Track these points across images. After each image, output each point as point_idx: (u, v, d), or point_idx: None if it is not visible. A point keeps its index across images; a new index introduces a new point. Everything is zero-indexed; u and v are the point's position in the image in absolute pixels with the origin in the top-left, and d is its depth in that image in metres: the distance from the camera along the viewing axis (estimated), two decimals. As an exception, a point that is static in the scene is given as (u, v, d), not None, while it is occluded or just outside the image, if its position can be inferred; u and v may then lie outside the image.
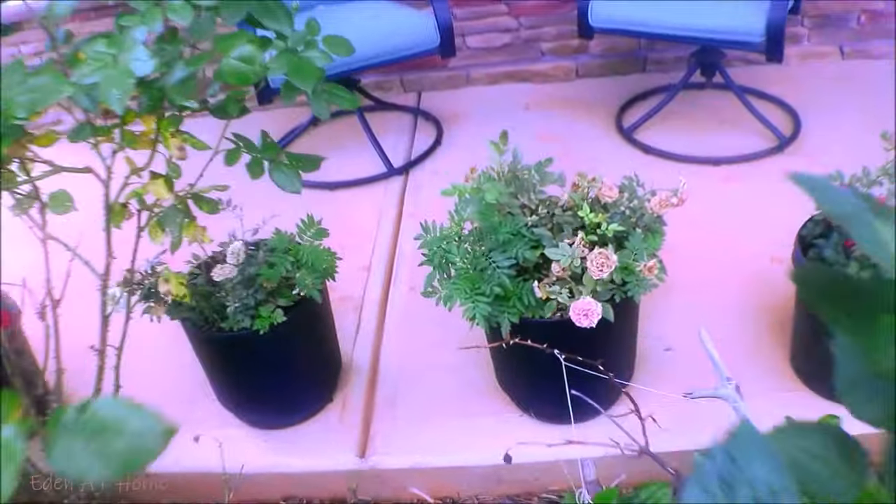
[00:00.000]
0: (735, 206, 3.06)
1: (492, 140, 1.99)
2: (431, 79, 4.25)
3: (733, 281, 2.69)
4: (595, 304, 1.78)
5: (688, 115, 3.71)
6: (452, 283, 1.90)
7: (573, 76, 4.23)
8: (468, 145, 3.68)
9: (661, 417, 2.21)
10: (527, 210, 1.99)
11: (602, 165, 3.35)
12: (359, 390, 2.44)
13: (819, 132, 3.50)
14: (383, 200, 3.35)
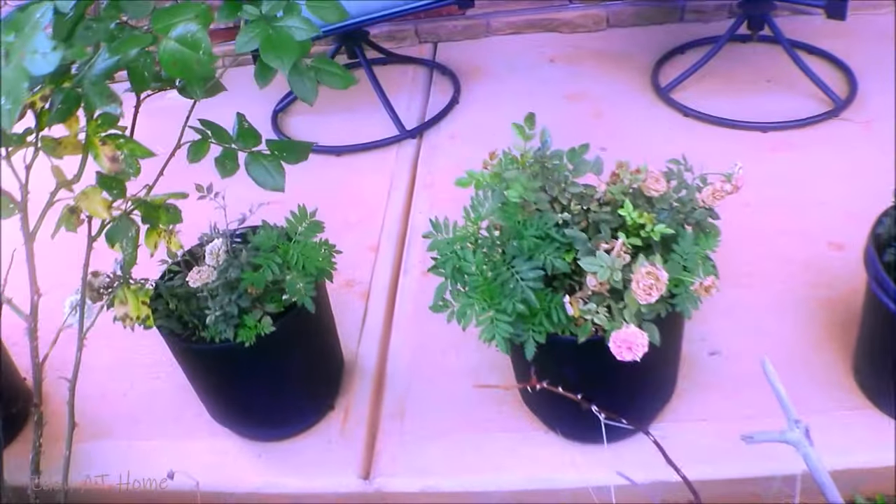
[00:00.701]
0: (785, 179, 2.73)
1: (515, 122, 1.66)
2: (448, 28, 3.91)
3: (784, 270, 2.38)
4: (640, 335, 1.47)
5: (730, 73, 3.36)
6: (467, 296, 1.59)
7: (603, 25, 3.86)
8: (489, 104, 3.36)
9: (709, 439, 1.94)
10: (557, 205, 1.68)
11: (637, 131, 3.06)
12: (363, 396, 2.16)
13: (877, 95, 3.14)
14: (395, 167, 3.03)
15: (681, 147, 2.82)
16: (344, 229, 2.70)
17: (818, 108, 3.05)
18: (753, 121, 3.00)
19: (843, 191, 2.64)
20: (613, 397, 1.83)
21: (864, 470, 1.90)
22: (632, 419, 1.92)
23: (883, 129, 2.95)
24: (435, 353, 2.25)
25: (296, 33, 1.35)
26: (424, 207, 2.79)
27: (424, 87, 3.56)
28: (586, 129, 3.08)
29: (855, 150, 2.86)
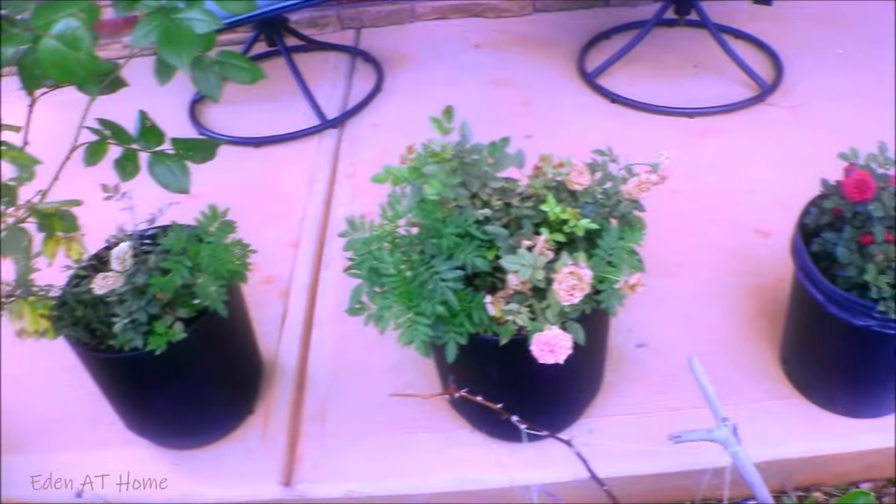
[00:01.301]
0: (713, 166, 2.71)
1: (433, 116, 1.59)
2: (371, 14, 3.81)
3: (712, 258, 2.36)
4: (563, 337, 1.42)
5: (658, 58, 3.33)
6: (384, 298, 1.52)
7: (529, 10, 3.80)
8: (413, 92, 3.28)
9: (638, 433, 1.91)
10: (477, 201, 1.61)
11: (564, 118, 3.01)
12: (284, 399, 2.08)
13: (803, 79, 3.14)
14: (316, 159, 2.94)
15: (608, 134, 2.81)
16: (263, 224, 2.61)
17: (745, 93, 3.04)
18: (680, 107, 2.98)
19: (770, 177, 2.62)
20: (539, 395, 1.79)
21: (794, 460, 1.89)
22: (559, 415, 1.89)
23: (809, 113, 2.95)
24: (357, 351, 2.18)
25: (197, 26, 1.26)
26: (346, 199, 2.71)
27: (347, 74, 3.46)
28: (512, 116, 3.02)
29: (782, 135, 2.84)
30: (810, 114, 2.95)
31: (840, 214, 1.75)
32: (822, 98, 3.02)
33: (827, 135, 2.78)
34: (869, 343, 1.74)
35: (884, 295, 1.62)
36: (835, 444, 1.90)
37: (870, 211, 1.68)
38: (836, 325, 1.71)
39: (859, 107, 2.94)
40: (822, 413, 1.94)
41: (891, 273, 1.62)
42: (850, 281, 1.68)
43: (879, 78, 3.13)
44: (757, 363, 2.06)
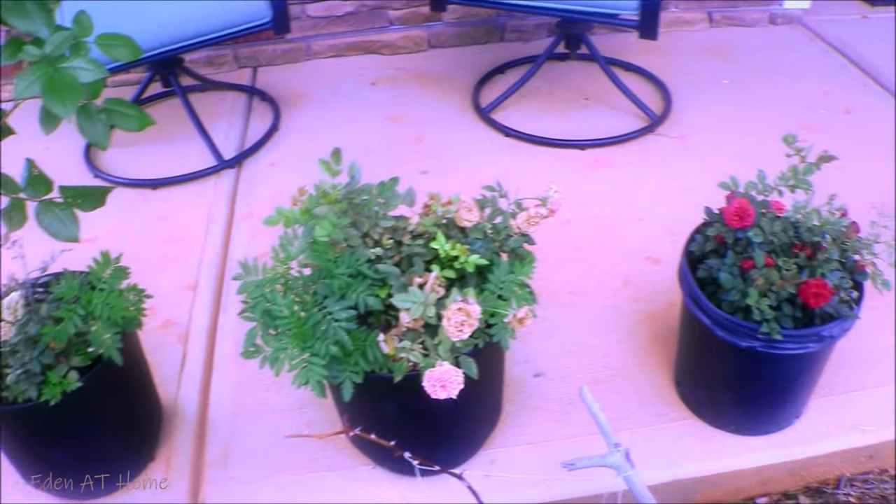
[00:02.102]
0: (604, 195, 2.78)
1: (321, 158, 1.61)
2: (268, 53, 3.82)
3: (606, 286, 2.42)
4: (454, 372, 1.44)
5: (551, 92, 3.40)
6: (278, 340, 1.53)
7: (425, 47, 3.86)
8: (309, 130, 3.29)
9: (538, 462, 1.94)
10: (369, 241, 1.63)
11: (458, 153, 3.05)
12: (185, 444, 2.05)
13: (691, 109, 3.25)
14: (213, 199, 2.92)
15: (502, 167, 2.87)
16: (161, 267, 2.59)
17: (635, 124, 3.12)
18: (572, 139, 3.05)
19: (660, 205, 2.70)
20: (438, 429, 1.81)
21: (691, 479, 1.94)
22: (459, 449, 1.91)
23: (697, 142, 3.05)
24: (257, 393, 2.16)
25: (81, 75, 1.26)
26: (244, 240, 2.70)
27: (244, 114, 3.45)
28: (408, 152, 3.06)
29: (671, 164, 2.93)
30: (698, 143, 3.05)
31: (723, 241, 1.81)
32: (708, 127, 3.13)
33: (714, 163, 2.89)
34: (755, 363, 1.81)
35: (766, 317, 1.68)
36: (729, 462, 1.95)
37: (750, 237, 1.75)
38: (724, 347, 1.77)
39: (744, 135, 3.06)
40: (716, 432, 2.00)
41: (772, 296, 1.69)
42: (734, 305, 1.74)
43: (762, 106, 3.26)
44: (652, 387, 2.11)
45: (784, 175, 1.81)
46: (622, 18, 2.80)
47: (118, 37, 1.39)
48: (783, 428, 2.00)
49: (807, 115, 3.26)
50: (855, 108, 3.32)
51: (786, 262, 1.72)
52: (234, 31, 2.96)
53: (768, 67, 3.62)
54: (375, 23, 3.82)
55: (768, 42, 3.88)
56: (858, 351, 2.17)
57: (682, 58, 3.68)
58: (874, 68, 3.60)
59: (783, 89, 3.43)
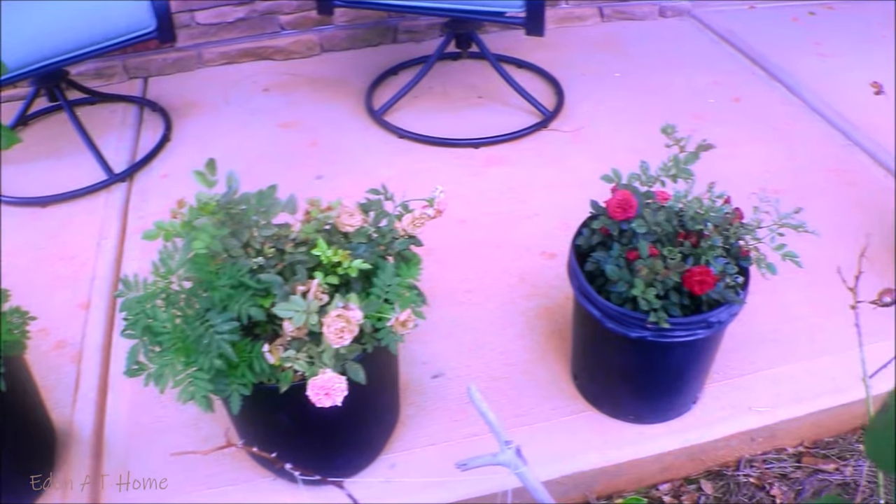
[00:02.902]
0: (500, 193, 2.80)
1: (197, 170, 1.58)
2: (158, 62, 3.75)
3: (502, 283, 2.43)
4: (337, 379, 1.43)
5: (444, 91, 3.41)
6: (162, 356, 1.50)
7: (318, 51, 3.84)
8: (202, 140, 3.24)
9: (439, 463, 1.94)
10: (251, 250, 1.61)
11: (353, 156, 3.04)
12: (82, 467, 2.00)
13: (583, 103, 3.29)
14: (104, 215, 2.85)
15: (397, 169, 2.87)
16: (53, 286, 2.52)
17: (529, 121, 3.15)
18: (466, 137, 3.05)
19: (554, 200, 2.72)
20: (333, 436, 1.80)
21: (593, 471, 1.96)
22: (358, 454, 1.90)
23: (590, 135, 3.09)
24: (154, 409, 2.12)
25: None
26: (137, 255, 2.65)
27: (134, 125, 3.38)
28: (302, 158, 3.04)
29: (564, 158, 2.96)
30: (590, 136, 3.08)
31: (608, 233, 1.83)
32: (601, 120, 3.17)
33: (607, 155, 2.92)
34: (646, 353, 1.83)
35: (654, 306, 1.70)
36: (629, 451, 1.98)
37: (634, 228, 1.77)
38: (615, 338, 1.79)
39: (636, 126, 3.10)
40: (615, 423, 2.02)
41: (658, 285, 1.71)
42: (622, 296, 1.76)
43: (654, 97, 3.31)
44: (550, 382, 2.13)
45: (666, 165, 1.83)
46: (509, 16, 2.82)
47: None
48: (681, 414, 2.03)
49: (697, 104, 3.32)
50: (744, 96, 3.39)
51: (671, 251, 1.74)
52: (118, 42, 2.90)
53: (659, 59, 3.69)
54: (266, 28, 3.78)
55: (658, 34, 3.95)
56: (750, 334, 2.22)
57: (575, 53, 3.72)
58: (762, 56, 3.69)
59: (674, 80, 3.50)
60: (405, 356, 2.16)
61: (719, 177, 1.90)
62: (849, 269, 1.89)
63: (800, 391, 2.09)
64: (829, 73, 3.55)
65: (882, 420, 0.51)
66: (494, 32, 3.83)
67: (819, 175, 2.88)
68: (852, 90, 3.41)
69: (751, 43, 3.81)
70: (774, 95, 3.40)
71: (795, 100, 3.37)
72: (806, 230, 1.74)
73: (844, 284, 1.68)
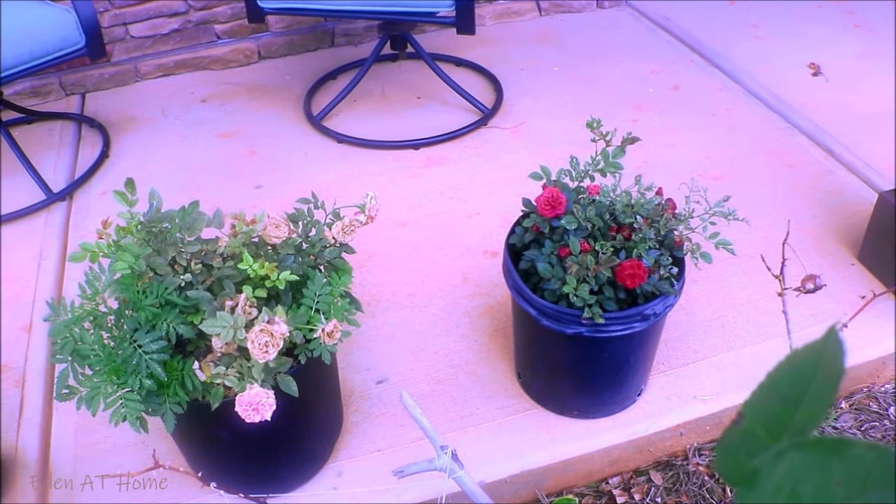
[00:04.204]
0: (440, 193, 2.80)
1: (116, 189, 1.56)
2: (95, 77, 3.71)
3: (445, 284, 2.43)
4: (264, 394, 1.42)
5: (383, 93, 3.41)
6: (92, 379, 1.49)
7: (255, 58, 3.82)
8: (141, 155, 3.20)
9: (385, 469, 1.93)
10: (179, 268, 1.60)
11: (292, 164, 3.04)
12: (28, 493, 1.98)
13: (523, 98, 3.30)
14: (44, 235, 2.82)
15: (336, 175, 2.86)
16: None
17: (468, 119, 3.15)
18: (406, 139, 3.05)
19: (494, 199, 2.73)
20: (275, 448, 1.79)
21: (541, 468, 1.96)
22: (303, 465, 1.89)
23: (529, 131, 3.09)
24: (99, 430, 2.10)
25: None
26: (78, 275, 2.62)
27: (73, 143, 3.34)
28: (241, 168, 3.02)
29: (505, 155, 2.97)
30: (530, 132, 3.09)
31: (540, 231, 1.84)
32: (540, 115, 3.18)
33: (547, 151, 2.93)
34: (585, 348, 1.84)
35: (588, 302, 1.71)
36: (576, 447, 1.99)
37: (563, 224, 1.77)
38: (552, 335, 1.80)
39: (576, 119, 3.09)
40: (560, 419, 2.03)
41: (591, 280, 1.72)
42: (556, 293, 1.76)
43: (593, 89, 3.33)
44: (495, 381, 2.13)
45: (594, 160, 1.84)
46: (440, 16, 2.82)
47: None
48: (626, 407, 2.05)
49: (637, 93, 3.34)
50: (683, 84, 3.42)
51: (603, 245, 1.75)
52: (48, 60, 2.86)
53: (597, 50, 3.70)
54: (202, 38, 3.75)
55: (596, 25, 3.97)
56: (692, 323, 2.24)
57: (513, 48, 3.73)
58: (700, 43, 3.71)
59: (613, 70, 3.52)
60: (348, 363, 2.16)
61: (658, 166, 1.91)
62: (791, 253, 1.91)
63: (745, 377, 2.11)
64: (767, 55, 3.58)
65: (733, 432, 0.51)
66: (433, 31, 3.83)
67: (759, 159, 2.90)
68: (790, 72, 3.44)
69: (688, 29, 3.84)
70: (713, 82, 3.43)
71: (734, 85, 3.40)
72: (736, 218, 1.75)
73: (770, 272, 1.69)
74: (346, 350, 2.17)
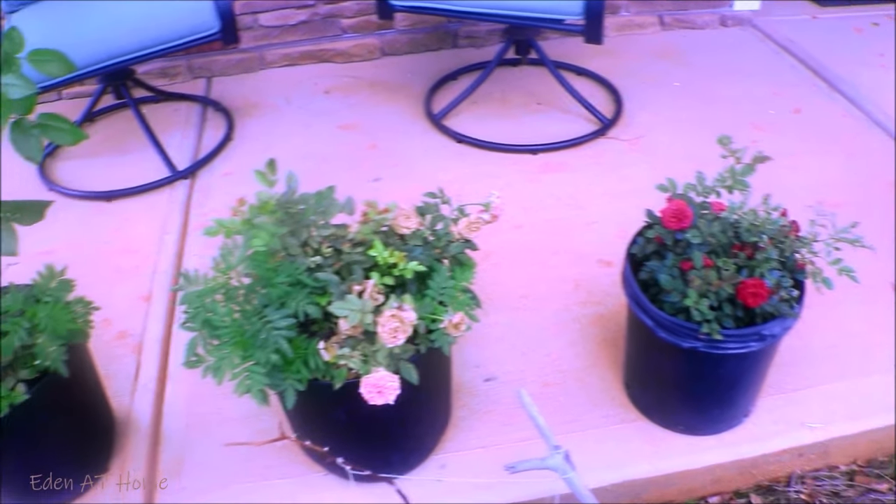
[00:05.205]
0: (557, 199, 2.80)
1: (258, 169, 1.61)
2: (222, 63, 3.82)
3: (557, 289, 2.43)
4: (390, 378, 1.45)
5: (502, 97, 3.43)
6: (220, 349, 1.54)
7: (378, 54, 3.88)
8: (263, 140, 3.29)
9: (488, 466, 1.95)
10: (309, 249, 1.64)
11: (411, 159, 3.07)
12: (139, 455, 2.05)
13: (642, 112, 3.29)
14: (167, 210, 2.92)
15: (455, 173, 2.89)
16: (116, 279, 2.58)
17: (587, 128, 3.15)
18: (524, 143, 3.07)
19: (611, 208, 2.73)
20: (385, 435, 1.82)
21: (641, 480, 1.95)
22: (409, 453, 1.92)
23: (647, 144, 3.08)
24: (211, 402, 2.16)
25: (11, 91, 1.27)
26: (198, 251, 2.70)
27: (198, 124, 3.45)
28: (361, 160, 3.07)
29: (622, 167, 2.96)
30: (649, 145, 3.08)
31: (663, 243, 1.83)
32: (660, 129, 3.16)
33: (665, 165, 2.91)
34: (699, 363, 1.83)
35: (706, 317, 1.70)
36: (679, 462, 1.97)
37: (688, 238, 1.77)
38: (667, 348, 1.79)
39: (695, 136, 3.09)
40: (666, 433, 2.02)
41: (712, 296, 1.71)
42: (675, 306, 1.75)
43: (713, 107, 3.30)
44: (602, 389, 2.13)
45: (722, 176, 1.83)
46: (568, 24, 2.83)
47: (50, 52, 1.39)
48: (732, 427, 2.02)
49: (757, 114, 3.30)
50: (805, 108, 3.36)
51: (725, 262, 1.74)
52: (182, 43, 2.96)
53: (719, 69, 3.67)
54: (328, 31, 3.83)
55: (719, 43, 3.92)
56: (806, 348, 2.20)
57: (634, 61, 3.71)
58: (823, 68, 3.65)
59: (734, 90, 3.47)
60: (459, 358, 2.18)
61: (778, 188, 1.88)
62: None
63: (854, 408, 2.06)
64: (892, 85, 3.50)
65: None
66: (554, 39, 3.84)
67: (881, 189, 2.84)
68: (916, 103, 3.36)
69: (812, 53, 3.77)
70: (836, 107, 3.37)
71: (857, 112, 3.33)
72: (863, 245, 1.72)
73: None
74: (458, 346, 2.18)
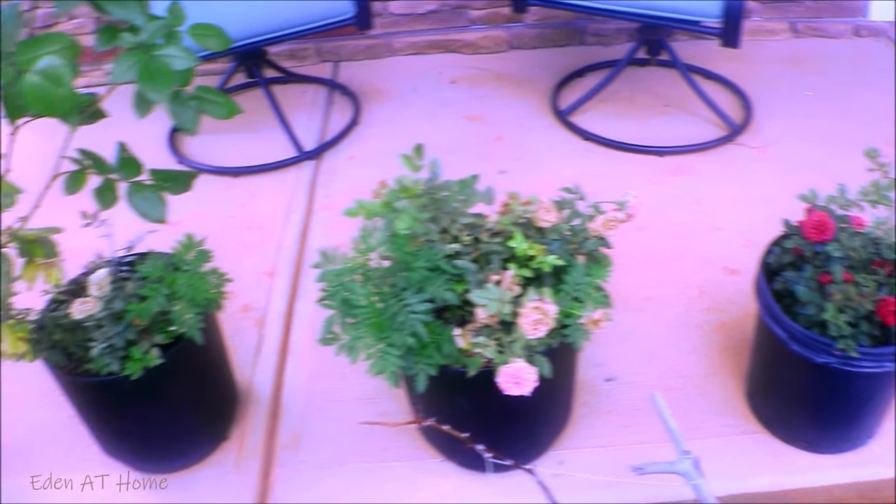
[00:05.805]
0: (681, 204, 2.76)
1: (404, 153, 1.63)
2: (350, 48, 3.86)
3: (680, 294, 2.40)
4: (528, 370, 1.46)
5: (630, 97, 3.39)
6: (355, 329, 1.56)
7: (505, 47, 3.87)
8: (389, 126, 3.33)
9: (606, 465, 1.94)
10: (447, 236, 1.65)
11: (536, 154, 3.07)
12: (258, 425, 2.10)
13: (772, 120, 3.21)
14: (293, 189, 2.97)
15: (580, 170, 2.88)
16: (241, 253, 2.64)
17: (715, 133, 3.10)
18: (651, 145, 3.04)
19: (738, 216, 2.68)
20: (507, 427, 1.82)
21: (759, 493, 1.92)
22: (528, 447, 1.92)
23: (777, 153, 3.01)
24: (331, 380, 2.20)
25: (174, 62, 1.30)
26: (322, 231, 2.74)
27: (324, 107, 3.50)
28: (487, 151, 3.08)
29: (750, 174, 2.90)
30: (778, 154, 3.01)
31: (801, 254, 1.80)
32: (790, 138, 3.09)
33: (794, 175, 2.85)
34: (830, 380, 1.78)
35: (843, 333, 1.66)
36: (799, 479, 1.93)
37: (829, 251, 1.73)
38: (798, 361, 1.75)
39: (826, 147, 3.01)
40: (787, 448, 1.97)
41: (850, 312, 1.67)
42: (810, 319, 1.72)
43: (845, 119, 3.21)
44: (723, 398, 2.10)
45: (866, 190, 1.78)
46: (704, 26, 2.79)
47: (209, 27, 1.42)
48: (856, 448, 1.97)
49: (891, 129, 3.20)
50: (943, 125, 3.25)
51: (865, 278, 1.70)
52: (318, 26, 3.02)
53: (852, 80, 3.56)
54: (456, 22, 3.84)
55: (852, 54, 3.81)
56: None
57: (764, 67, 3.64)
58: (964, 84, 3.52)
59: (867, 103, 3.37)
60: (580, 356, 2.17)
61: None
62: None
63: None
64: None
65: None
66: (682, 41, 3.78)
67: None
68: None
69: (953, 69, 3.65)
70: (978, 126, 3.25)
71: None
72: None
73: None
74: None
